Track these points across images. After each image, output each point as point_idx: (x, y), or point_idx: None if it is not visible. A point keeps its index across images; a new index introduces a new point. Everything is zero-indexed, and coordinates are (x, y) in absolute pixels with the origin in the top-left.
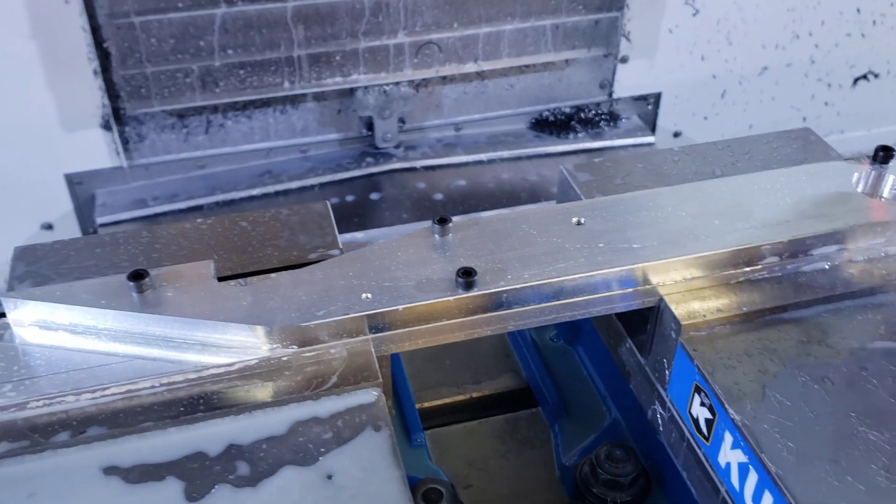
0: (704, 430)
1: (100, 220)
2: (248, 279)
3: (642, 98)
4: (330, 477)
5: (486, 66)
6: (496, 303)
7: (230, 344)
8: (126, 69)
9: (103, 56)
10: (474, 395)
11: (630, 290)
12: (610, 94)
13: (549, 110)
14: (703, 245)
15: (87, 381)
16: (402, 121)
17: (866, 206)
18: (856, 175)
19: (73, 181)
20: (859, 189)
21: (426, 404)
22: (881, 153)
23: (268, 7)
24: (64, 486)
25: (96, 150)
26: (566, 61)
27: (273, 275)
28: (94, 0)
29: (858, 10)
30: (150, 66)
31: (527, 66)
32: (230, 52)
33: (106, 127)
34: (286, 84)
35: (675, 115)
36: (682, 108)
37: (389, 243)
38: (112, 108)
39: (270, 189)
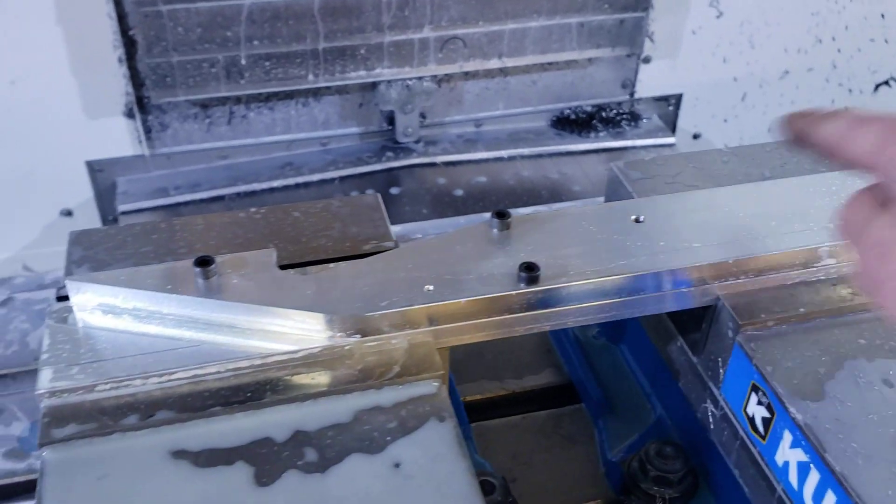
0: (761, 428)
1: (121, 207)
2: (307, 269)
3: (663, 99)
4: (398, 465)
5: (510, 62)
6: (558, 298)
7: (294, 331)
8: (152, 58)
9: (129, 44)
10: (516, 390)
11: (690, 288)
12: (631, 94)
13: (570, 108)
14: (762, 246)
15: (154, 365)
16: (422, 116)
17: None
18: None
19: (94, 168)
20: None
21: (468, 398)
22: None
23: None
24: (134, 468)
25: (119, 137)
26: (589, 60)
27: (332, 265)
28: None
29: (883, 16)
30: (176, 55)
31: (550, 64)
32: (256, 43)
33: (129, 115)
34: (310, 76)
35: (696, 116)
36: (703, 110)
37: (447, 236)
38: (136, 97)
39: (291, 181)
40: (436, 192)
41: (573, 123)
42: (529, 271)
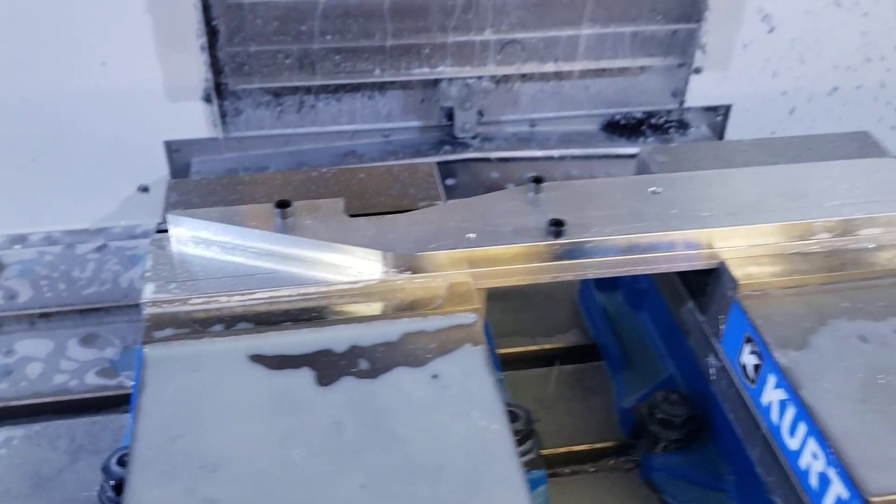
0: (752, 374)
1: None
2: (370, 218)
3: (712, 109)
4: (435, 377)
5: (565, 66)
6: (580, 251)
7: (355, 266)
8: (231, 47)
9: (211, 33)
10: (546, 346)
11: (696, 251)
12: (681, 103)
13: (621, 114)
14: (763, 218)
15: (237, 286)
16: (480, 113)
17: None
18: None
19: (171, 148)
20: None
21: (503, 351)
22: None
23: None
24: (220, 366)
25: (196, 120)
26: (641, 68)
27: (391, 215)
28: None
29: None
30: (254, 45)
31: (603, 70)
32: (328, 37)
33: (207, 100)
34: (377, 71)
35: (744, 128)
36: (751, 122)
37: (491, 196)
38: (214, 83)
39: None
40: (489, 185)
41: (623, 128)
42: (557, 226)
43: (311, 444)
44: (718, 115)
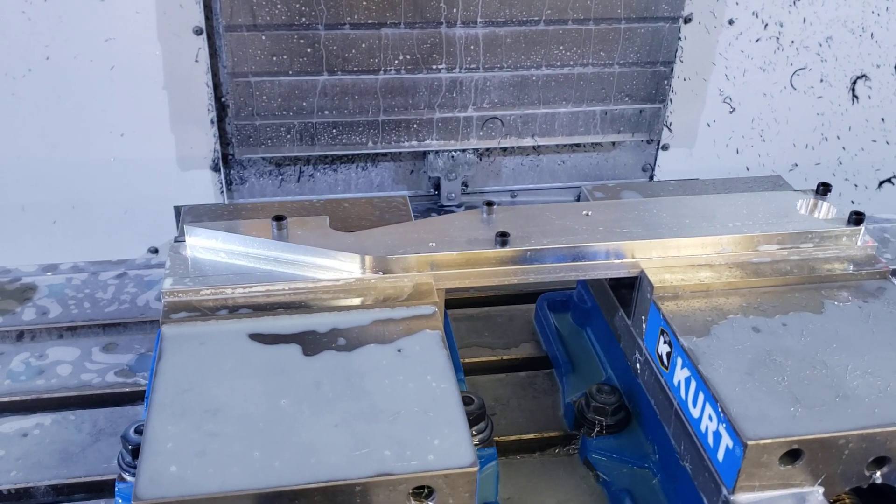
0: (665, 361)
1: None
2: (349, 231)
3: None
4: (399, 350)
5: (541, 141)
6: (522, 258)
7: (337, 267)
8: (239, 120)
9: (220, 108)
10: (504, 357)
11: (619, 261)
12: (651, 177)
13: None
14: (676, 233)
15: (240, 281)
16: (465, 184)
17: (803, 221)
18: (800, 201)
19: (180, 213)
20: (801, 211)
21: (467, 360)
22: (821, 187)
23: (361, 78)
24: (223, 341)
25: (204, 187)
26: (613, 144)
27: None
28: (218, 61)
29: (883, 120)
30: (259, 119)
31: (577, 146)
32: (326, 112)
33: (215, 169)
34: (370, 144)
35: None
36: None
37: (451, 216)
38: (222, 154)
39: None
40: None
41: None
42: (502, 237)
43: (295, 397)
44: None
